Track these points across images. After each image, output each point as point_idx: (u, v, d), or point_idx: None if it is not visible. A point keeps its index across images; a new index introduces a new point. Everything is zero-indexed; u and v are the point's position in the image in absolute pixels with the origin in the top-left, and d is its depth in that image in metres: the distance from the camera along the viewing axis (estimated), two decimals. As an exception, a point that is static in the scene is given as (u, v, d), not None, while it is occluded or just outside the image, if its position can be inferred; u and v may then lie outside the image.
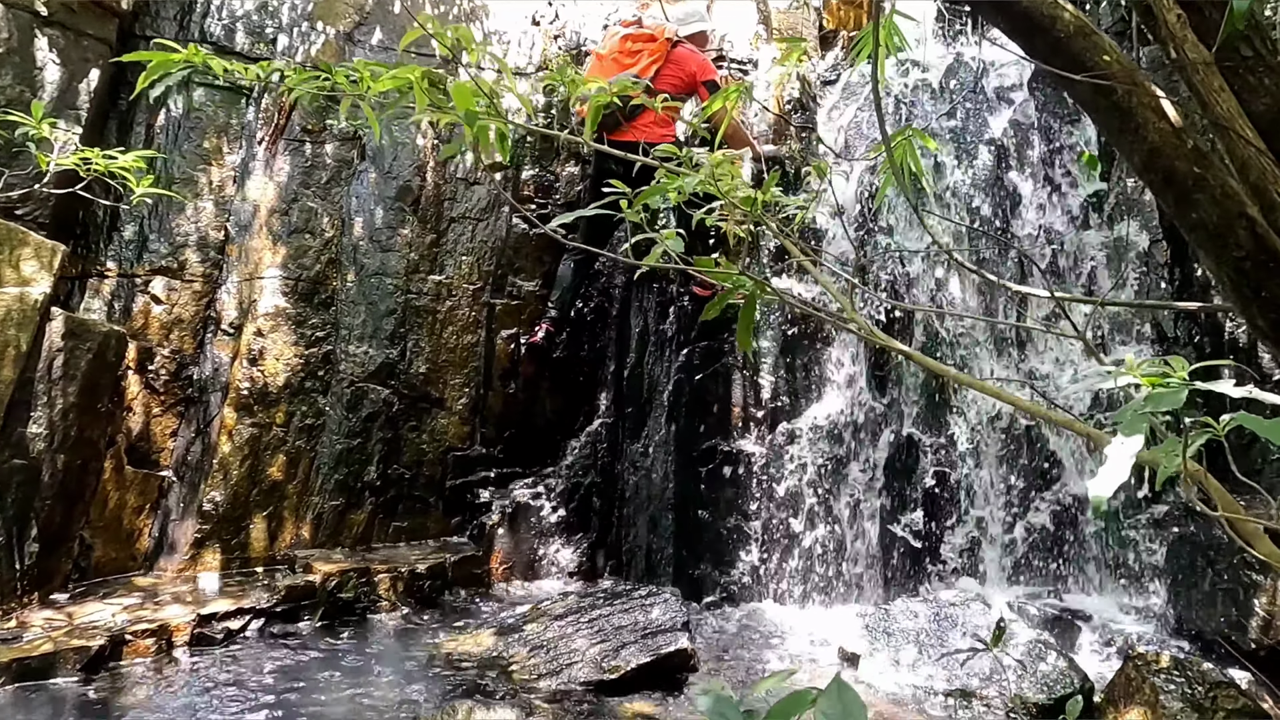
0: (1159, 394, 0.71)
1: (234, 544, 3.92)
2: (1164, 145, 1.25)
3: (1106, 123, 1.32)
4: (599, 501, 4.54)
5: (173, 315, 4.15)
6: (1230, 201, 1.22)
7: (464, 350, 4.69)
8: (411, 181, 4.80)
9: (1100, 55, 1.27)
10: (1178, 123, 1.26)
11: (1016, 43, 1.37)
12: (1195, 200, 1.23)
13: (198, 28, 4.57)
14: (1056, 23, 1.30)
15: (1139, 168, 1.29)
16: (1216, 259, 1.24)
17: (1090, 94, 1.28)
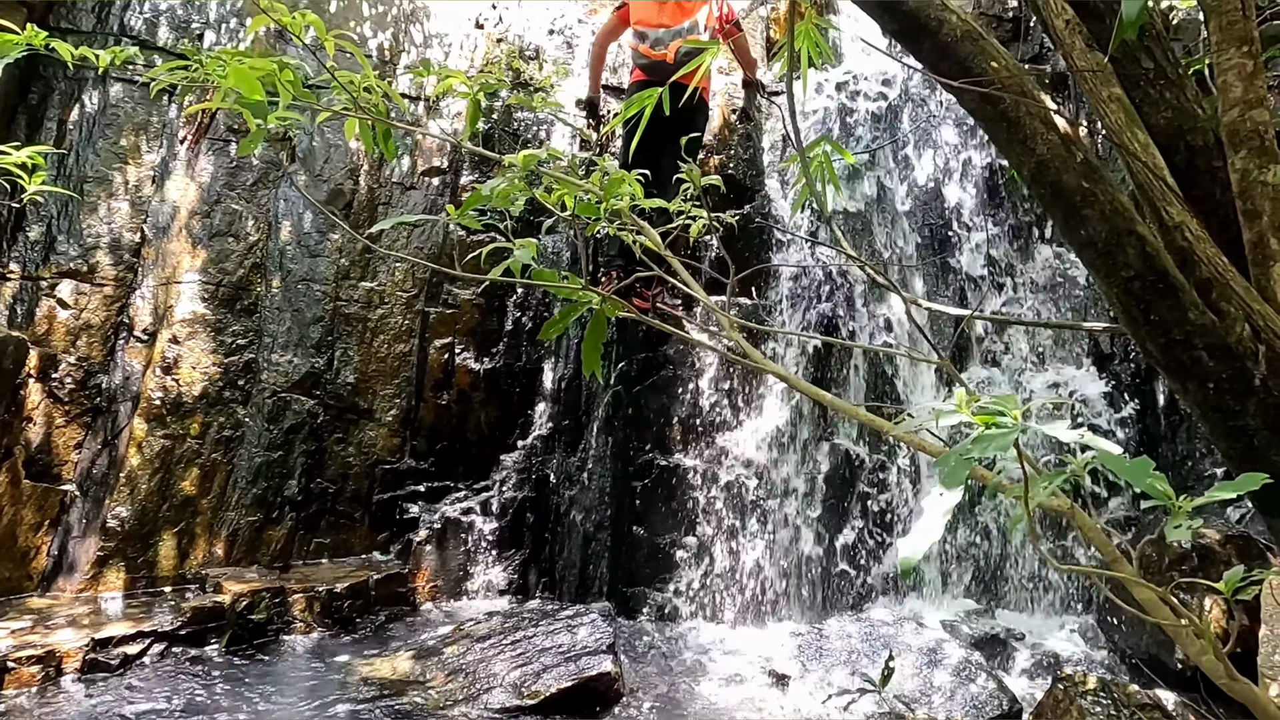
0: (988, 436, 0.63)
1: (140, 563, 3.72)
2: (1052, 158, 1.18)
3: (994, 133, 1.25)
4: (533, 517, 4.41)
5: (80, 320, 3.95)
6: (1120, 218, 1.15)
7: (395, 359, 4.53)
8: (344, 185, 4.65)
9: (989, 61, 1.20)
10: (1068, 134, 1.19)
11: (904, 46, 1.29)
12: (1084, 216, 1.16)
13: (117, 21, 4.38)
14: (944, 26, 1.22)
15: (1028, 180, 1.22)
16: (1106, 279, 1.18)
17: (978, 102, 1.21)
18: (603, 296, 1.14)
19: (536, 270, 1.18)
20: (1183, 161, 1.41)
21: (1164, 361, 1.16)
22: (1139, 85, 1.42)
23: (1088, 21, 1.43)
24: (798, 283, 4.64)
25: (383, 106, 1.66)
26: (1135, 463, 0.74)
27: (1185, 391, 1.15)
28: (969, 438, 0.64)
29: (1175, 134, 1.42)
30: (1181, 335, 1.11)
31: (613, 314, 1.18)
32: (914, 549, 0.61)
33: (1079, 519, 0.87)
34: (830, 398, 1.14)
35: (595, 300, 1.14)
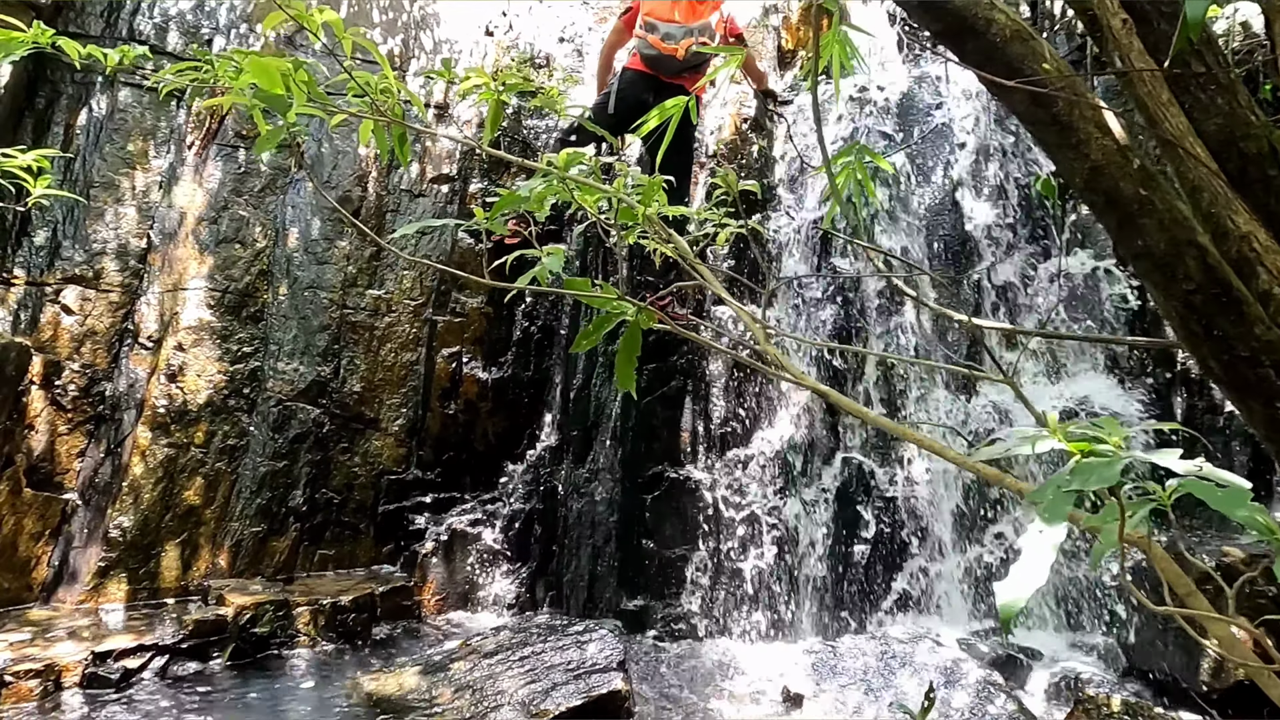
0: (1089, 466, 0.57)
1: (142, 573, 3.66)
2: (1107, 164, 1.12)
3: (1044, 137, 1.19)
4: (540, 529, 4.34)
5: (85, 327, 3.90)
6: (1179, 228, 1.10)
7: (402, 368, 4.48)
8: (352, 192, 4.60)
9: (1039, 62, 1.14)
10: (1123, 139, 1.13)
11: (948, 47, 1.24)
12: (1141, 225, 1.10)
13: (126, 25, 4.35)
14: (991, 25, 1.17)
15: (1080, 187, 1.17)
16: (1164, 292, 1.12)
17: (1027, 104, 1.15)
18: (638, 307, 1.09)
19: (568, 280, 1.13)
20: (1235, 169, 1.35)
21: (1227, 379, 1.10)
22: (1188, 90, 1.36)
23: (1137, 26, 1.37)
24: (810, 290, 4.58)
25: (398, 109, 1.61)
26: (1228, 493, 0.68)
27: (1250, 411, 1.09)
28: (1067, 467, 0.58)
29: (1227, 141, 1.35)
30: (1247, 351, 1.06)
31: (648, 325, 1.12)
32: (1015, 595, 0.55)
33: (1153, 551, 0.81)
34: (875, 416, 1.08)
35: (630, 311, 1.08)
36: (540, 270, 1.17)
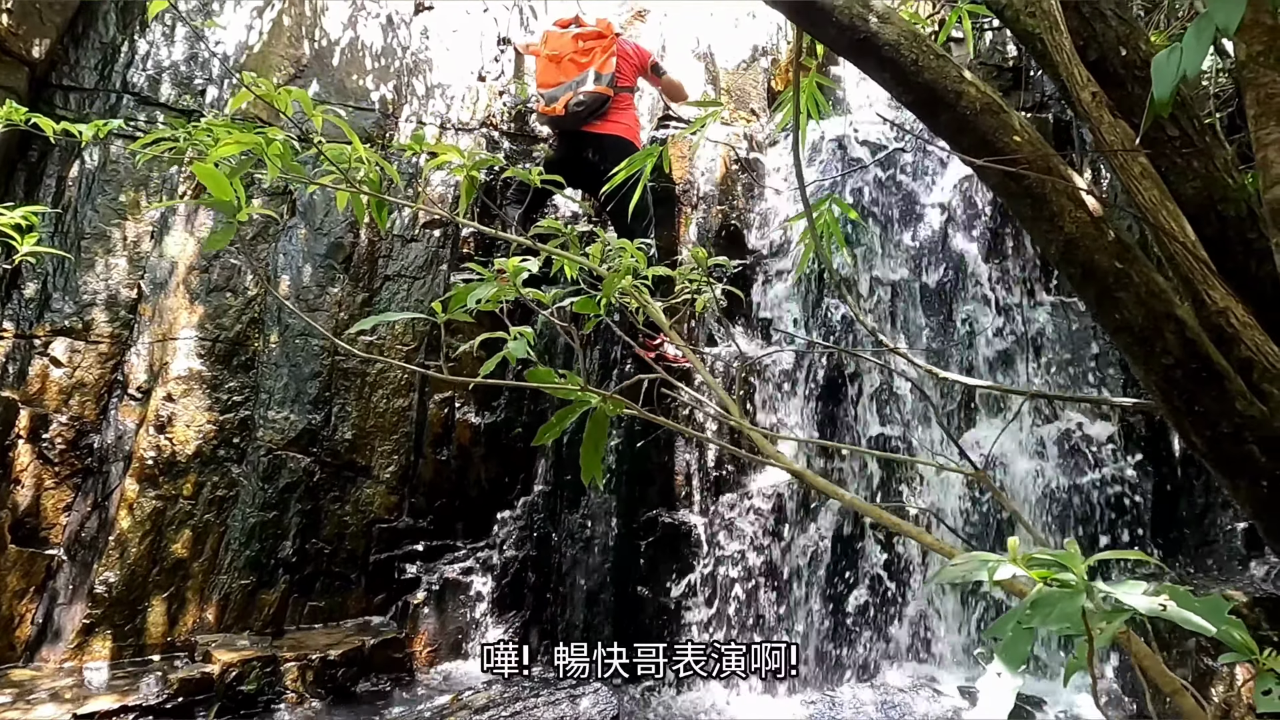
0: (1049, 599, 0.54)
1: (128, 630, 3.60)
2: (1082, 236, 1.11)
3: (1019, 210, 1.18)
4: (534, 576, 4.28)
5: (74, 379, 3.87)
6: (1157, 301, 1.08)
7: (394, 415, 4.45)
8: (344, 238, 4.61)
9: (1010, 135, 1.13)
10: (1097, 212, 1.11)
11: (919, 116, 1.23)
12: (1118, 299, 1.08)
13: (120, 78, 4.38)
14: (962, 98, 1.16)
15: (1056, 260, 1.15)
16: (1144, 365, 1.10)
17: (1000, 178, 1.14)
18: (603, 396, 1.07)
19: (531, 371, 1.11)
20: (1214, 233, 1.34)
21: (1211, 455, 1.07)
22: (1165, 154, 1.36)
23: (1108, 88, 1.37)
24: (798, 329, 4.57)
25: (375, 176, 1.61)
26: (1206, 601, 0.65)
27: (1235, 489, 1.06)
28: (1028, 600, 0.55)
29: (1205, 204, 1.35)
30: (1230, 428, 1.03)
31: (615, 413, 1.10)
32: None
33: (1135, 649, 0.78)
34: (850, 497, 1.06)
35: (595, 400, 1.06)
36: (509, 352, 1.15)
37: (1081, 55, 1.38)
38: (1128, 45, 1.40)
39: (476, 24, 5.70)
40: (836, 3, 1.20)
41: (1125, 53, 1.40)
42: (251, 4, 4.89)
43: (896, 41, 1.17)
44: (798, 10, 1.21)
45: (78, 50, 4.33)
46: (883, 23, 1.19)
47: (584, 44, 4.42)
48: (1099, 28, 1.41)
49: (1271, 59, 1.03)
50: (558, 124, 4.46)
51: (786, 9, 1.24)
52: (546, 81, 4.44)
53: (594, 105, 4.28)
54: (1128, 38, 1.41)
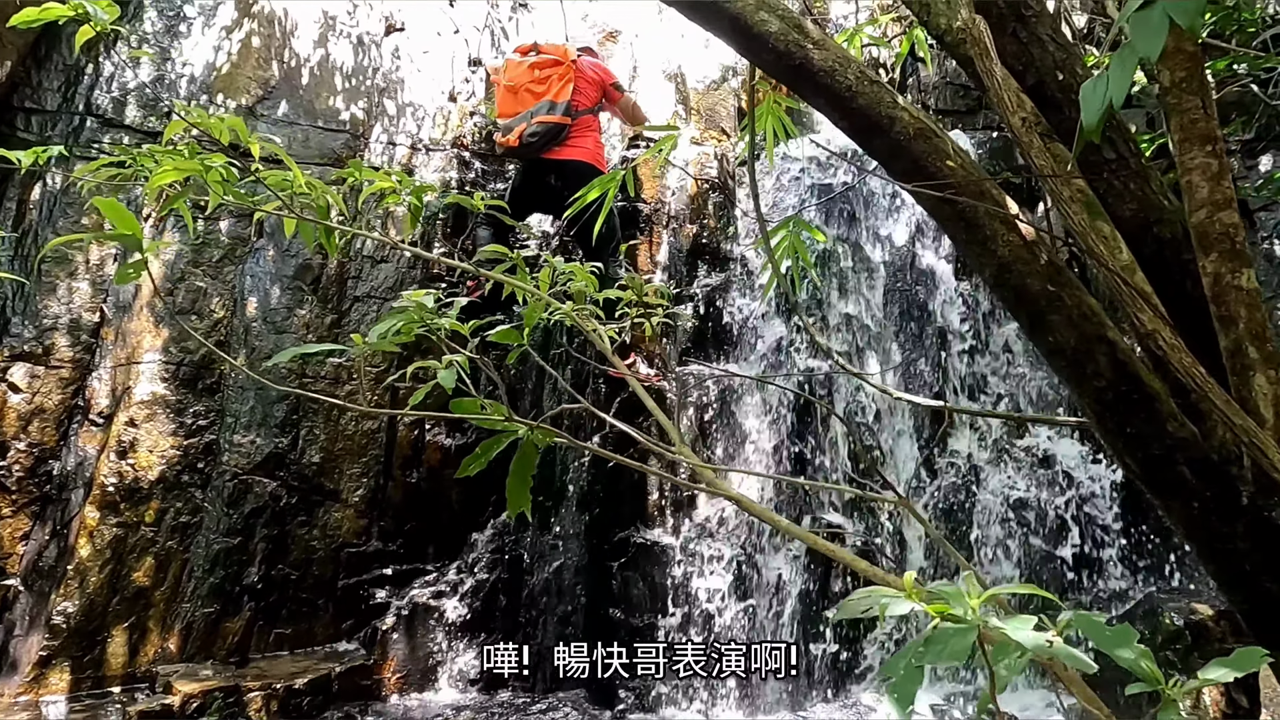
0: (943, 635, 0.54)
1: (87, 661, 3.52)
2: (1014, 260, 1.11)
3: (953, 233, 1.19)
4: (505, 599, 4.23)
5: (33, 405, 3.81)
6: (1089, 324, 1.08)
7: (363, 437, 4.40)
8: (312, 260, 4.58)
9: (943, 160, 1.14)
10: (1030, 236, 1.12)
11: (856, 141, 1.24)
12: (1050, 322, 1.09)
13: (83, 100, 4.35)
14: (895, 123, 1.17)
15: (990, 283, 1.16)
16: (1077, 388, 1.10)
17: (934, 202, 1.15)
18: (530, 427, 1.06)
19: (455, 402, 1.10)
20: (1151, 254, 1.35)
21: (1144, 476, 1.08)
22: (1102, 175, 1.37)
23: (1046, 111, 1.39)
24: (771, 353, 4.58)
25: (323, 205, 1.59)
26: (1115, 631, 0.64)
27: (1169, 510, 1.07)
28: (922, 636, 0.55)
29: (1142, 226, 1.36)
30: (1161, 450, 1.03)
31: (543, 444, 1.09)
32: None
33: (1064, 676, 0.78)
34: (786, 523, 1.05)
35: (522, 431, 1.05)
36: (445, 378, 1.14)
37: (1020, 79, 1.40)
38: (1064, 69, 1.42)
39: (448, 45, 5.71)
40: (772, 29, 1.20)
41: (1062, 77, 1.42)
42: (220, 24, 4.88)
43: (831, 68, 1.18)
44: (737, 37, 1.22)
45: (40, 72, 4.30)
46: (817, 48, 1.20)
47: (540, 73, 4.45)
48: (1036, 53, 1.43)
49: (1193, 85, 1.05)
50: (515, 154, 4.51)
51: (727, 36, 1.25)
52: (505, 112, 4.49)
53: (549, 135, 4.33)
54: (1064, 62, 1.43)
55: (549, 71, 4.46)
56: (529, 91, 4.42)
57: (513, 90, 4.48)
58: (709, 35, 4.83)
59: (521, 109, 4.40)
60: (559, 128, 4.35)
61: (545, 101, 4.36)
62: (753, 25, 1.21)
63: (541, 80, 4.45)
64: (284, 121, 4.82)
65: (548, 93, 4.40)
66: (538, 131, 4.32)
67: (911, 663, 0.54)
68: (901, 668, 0.54)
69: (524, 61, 4.52)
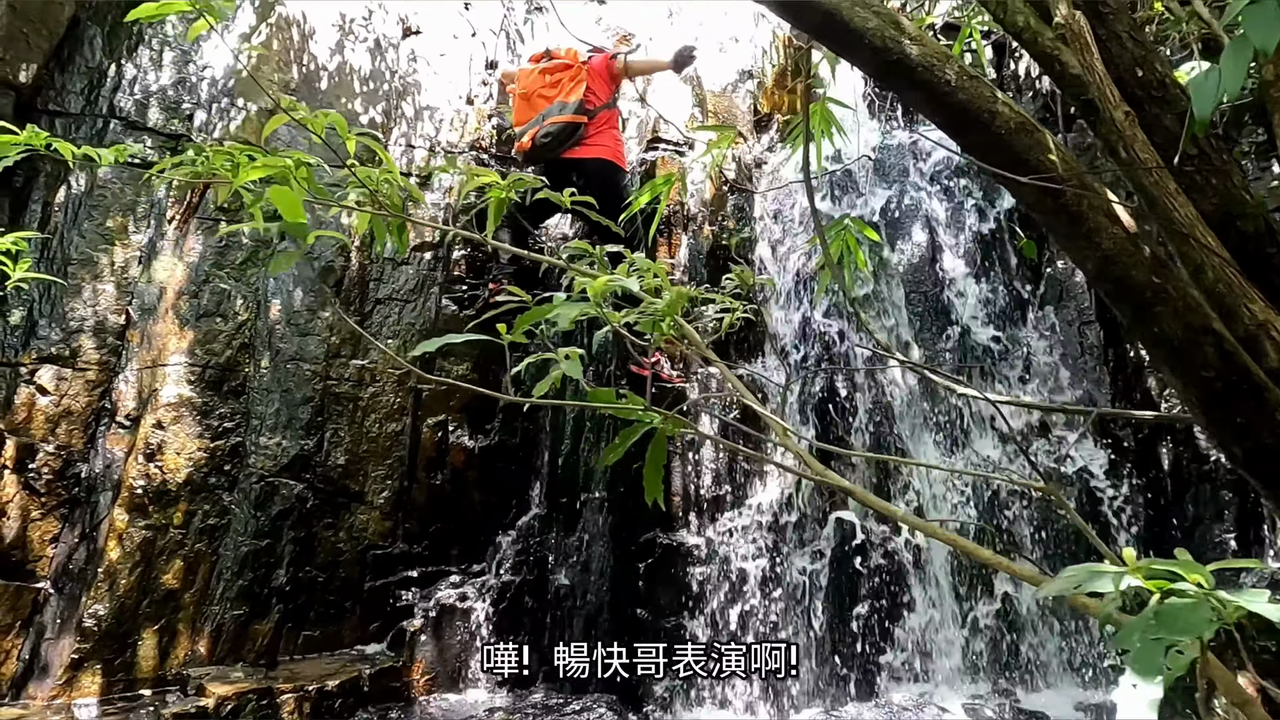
0: (1174, 611, 0.54)
1: (118, 664, 3.50)
2: (1118, 252, 1.13)
3: (1054, 226, 1.20)
4: (531, 601, 4.23)
5: (61, 407, 3.80)
6: (1194, 315, 1.10)
7: (387, 439, 4.40)
8: (335, 262, 4.58)
9: (1044, 154, 1.15)
10: (1132, 228, 1.14)
11: (951, 137, 1.26)
12: (1156, 314, 1.10)
13: (106, 102, 4.34)
14: (996, 118, 1.18)
15: (1091, 275, 1.17)
16: (1183, 379, 1.11)
17: (1036, 195, 1.16)
18: (664, 416, 1.07)
19: (593, 391, 1.10)
20: (1235, 248, 1.36)
21: (1250, 468, 1.09)
22: (1184, 171, 1.39)
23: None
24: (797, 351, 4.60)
25: (398, 200, 1.60)
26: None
27: (1277, 501, 1.08)
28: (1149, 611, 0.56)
29: (1224, 220, 1.37)
30: (1272, 440, 1.05)
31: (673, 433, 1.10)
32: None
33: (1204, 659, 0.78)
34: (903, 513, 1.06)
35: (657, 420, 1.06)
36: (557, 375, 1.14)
37: (1098, 76, 1.41)
38: (1144, 66, 1.43)
39: (464, 48, 5.73)
40: (869, 25, 1.21)
41: (1141, 73, 1.43)
42: (240, 28, 4.88)
43: (930, 63, 1.19)
44: (832, 33, 1.23)
45: (64, 75, 4.29)
46: (915, 44, 1.21)
47: (551, 78, 4.49)
48: (1115, 50, 1.44)
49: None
50: (531, 158, 4.52)
51: (820, 33, 1.26)
52: (519, 119, 4.54)
53: (564, 135, 4.34)
54: (1143, 59, 1.44)
55: (560, 75, 4.49)
56: (541, 96, 4.46)
57: (526, 97, 4.52)
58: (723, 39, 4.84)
59: (534, 114, 4.45)
60: (573, 127, 4.36)
61: (557, 103, 4.39)
62: (849, 21, 1.22)
63: (553, 85, 4.49)
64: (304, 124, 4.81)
65: (559, 95, 4.43)
66: (551, 132, 4.34)
67: (1148, 636, 0.54)
68: (1136, 640, 0.55)
69: (535, 69, 4.56)
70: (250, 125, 4.62)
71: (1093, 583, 0.60)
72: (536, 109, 4.44)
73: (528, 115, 4.47)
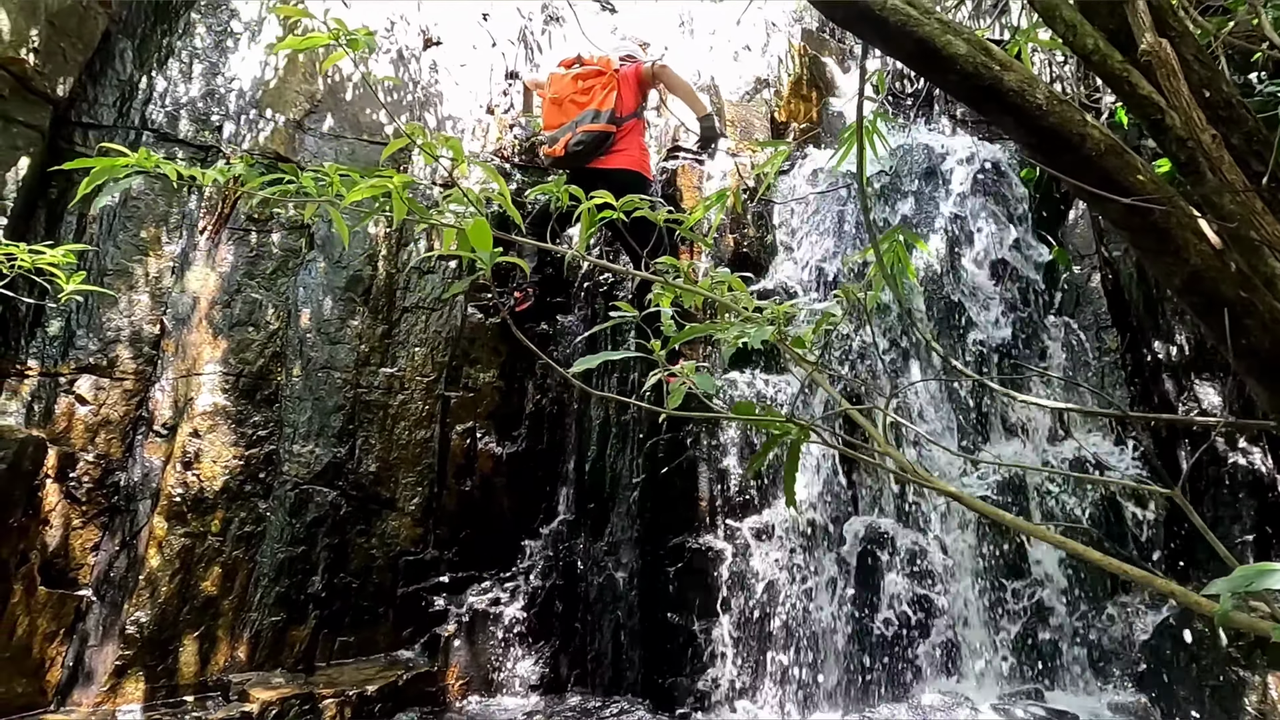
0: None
1: (160, 670, 3.54)
2: (1206, 268, 1.19)
3: (1142, 243, 1.26)
4: (561, 605, 4.28)
5: (99, 416, 3.84)
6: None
7: (417, 446, 4.45)
8: (363, 271, 4.63)
9: (1134, 175, 1.22)
10: (1218, 245, 1.20)
11: (1039, 160, 1.32)
12: (1244, 326, 1.17)
13: (138, 114, 4.39)
14: (1086, 140, 1.25)
15: (1179, 289, 1.23)
16: (1270, 389, 1.18)
17: (1124, 214, 1.22)
18: (801, 426, 1.12)
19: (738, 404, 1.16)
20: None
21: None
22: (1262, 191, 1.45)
23: (1195, 128, 1.46)
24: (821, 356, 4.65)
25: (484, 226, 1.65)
26: None
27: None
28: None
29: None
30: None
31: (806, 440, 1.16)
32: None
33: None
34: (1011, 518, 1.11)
35: (795, 432, 1.12)
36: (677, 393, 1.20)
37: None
38: (1211, 88, 1.50)
39: (484, 58, 5.79)
40: (960, 51, 1.28)
41: (1209, 94, 1.50)
42: (265, 40, 4.93)
43: (1020, 89, 1.25)
44: (924, 59, 1.29)
45: (96, 88, 4.34)
46: (1005, 70, 1.27)
47: (583, 84, 4.51)
48: (1184, 73, 1.50)
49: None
50: (561, 165, 4.55)
51: (911, 59, 1.32)
52: (550, 124, 4.55)
53: (595, 143, 4.37)
54: (1210, 80, 1.51)
55: (592, 82, 4.52)
56: (573, 102, 4.48)
57: (557, 102, 4.54)
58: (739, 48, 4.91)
59: (566, 120, 4.46)
60: (604, 136, 4.40)
61: (590, 110, 4.42)
62: (941, 48, 1.28)
63: (585, 91, 4.51)
64: (330, 135, 4.88)
65: (591, 102, 4.45)
66: (584, 140, 4.37)
67: None
68: None
69: (567, 74, 4.59)
70: (279, 136, 4.67)
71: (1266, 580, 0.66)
72: (568, 115, 4.46)
73: (558, 120, 4.49)
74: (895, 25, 1.33)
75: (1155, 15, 1.51)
